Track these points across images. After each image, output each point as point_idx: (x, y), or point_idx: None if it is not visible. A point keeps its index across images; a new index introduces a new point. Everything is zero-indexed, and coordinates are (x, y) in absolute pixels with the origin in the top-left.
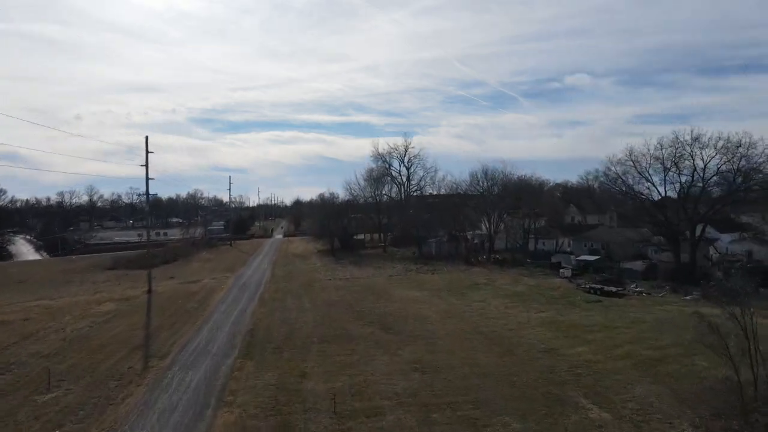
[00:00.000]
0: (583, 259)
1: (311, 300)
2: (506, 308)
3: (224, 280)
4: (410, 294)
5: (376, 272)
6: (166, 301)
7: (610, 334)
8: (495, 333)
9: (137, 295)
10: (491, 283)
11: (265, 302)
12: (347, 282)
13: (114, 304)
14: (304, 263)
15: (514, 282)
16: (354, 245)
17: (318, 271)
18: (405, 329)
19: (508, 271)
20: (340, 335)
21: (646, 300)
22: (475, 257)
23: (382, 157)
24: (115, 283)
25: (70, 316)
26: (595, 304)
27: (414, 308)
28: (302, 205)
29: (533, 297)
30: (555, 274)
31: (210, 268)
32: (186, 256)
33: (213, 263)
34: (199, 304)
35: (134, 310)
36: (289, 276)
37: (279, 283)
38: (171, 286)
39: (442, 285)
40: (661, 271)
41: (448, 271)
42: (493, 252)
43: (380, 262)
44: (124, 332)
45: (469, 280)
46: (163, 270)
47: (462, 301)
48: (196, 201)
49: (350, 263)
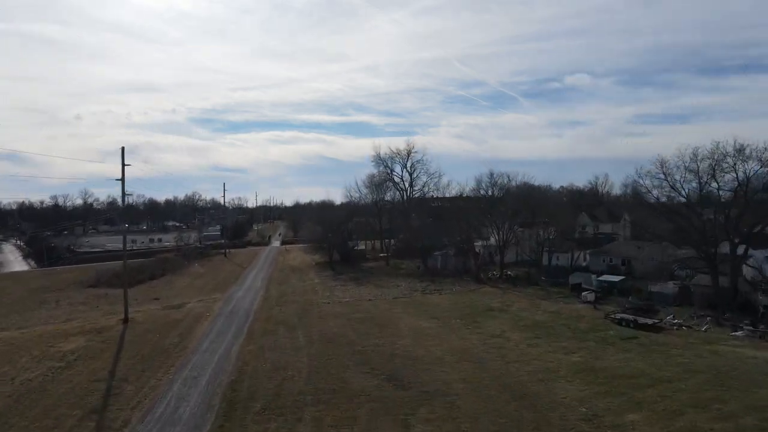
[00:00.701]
0: (606, 280)
1: (307, 334)
2: (529, 346)
3: (212, 304)
4: (418, 324)
5: (378, 292)
6: (142, 336)
7: (662, 391)
8: (522, 386)
9: (111, 326)
10: (507, 308)
11: (254, 337)
12: (348, 306)
13: (83, 338)
14: (301, 280)
15: (532, 307)
16: (354, 257)
17: (316, 291)
18: (416, 380)
19: (523, 292)
20: (340, 390)
21: (689, 336)
22: (485, 274)
23: (384, 162)
24: (93, 305)
25: (28, 357)
26: (631, 341)
27: (424, 346)
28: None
29: (557, 329)
30: (575, 296)
31: (199, 286)
32: (176, 269)
33: (203, 279)
34: (179, 338)
35: (103, 349)
36: (284, 298)
37: (272, 309)
38: (152, 313)
39: (452, 310)
40: (696, 297)
41: (456, 291)
42: (504, 267)
43: (383, 279)
44: (84, 385)
45: (482, 303)
46: (148, 288)
47: (477, 334)
48: (194, 203)
49: (350, 279)
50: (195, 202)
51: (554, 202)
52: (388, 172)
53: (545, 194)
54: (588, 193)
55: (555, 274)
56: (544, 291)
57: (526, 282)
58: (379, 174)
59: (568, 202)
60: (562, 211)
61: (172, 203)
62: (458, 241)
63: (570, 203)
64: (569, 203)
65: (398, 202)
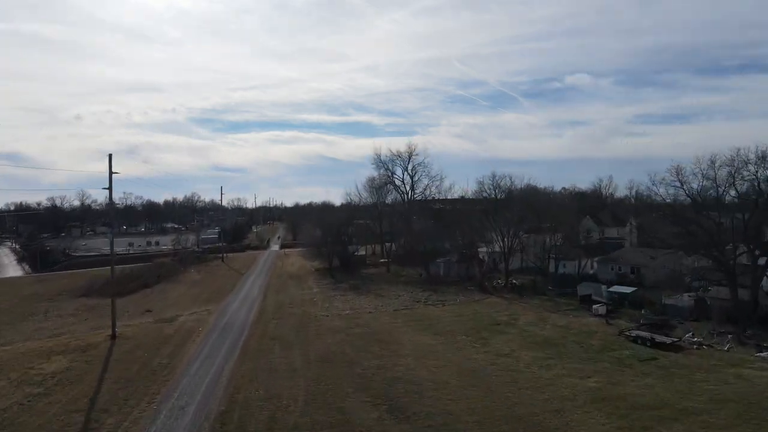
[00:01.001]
0: (616, 291)
1: (304, 352)
2: (541, 368)
3: (206, 317)
4: (421, 340)
5: (379, 303)
6: (130, 355)
7: (691, 426)
8: (536, 419)
9: (98, 343)
10: (514, 322)
11: (247, 356)
12: (347, 319)
13: (66, 359)
14: (299, 288)
15: (541, 321)
16: (354, 263)
17: (314, 302)
18: (420, 410)
19: (530, 303)
20: (338, 425)
21: (711, 357)
22: (489, 282)
23: (384, 165)
24: (82, 317)
25: (5, 381)
26: (649, 363)
27: (428, 366)
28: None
29: (569, 347)
30: (585, 308)
31: (194, 296)
32: (171, 276)
33: (199, 287)
34: (168, 358)
35: (86, 371)
36: (281, 310)
37: (268, 322)
38: (142, 327)
39: (457, 324)
40: (714, 310)
41: (460, 301)
42: (509, 276)
43: (383, 287)
44: (60, 417)
45: (488, 316)
46: (141, 297)
47: (484, 353)
48: (193, 204)
49: (350, 288)
50: (194, 203)
51: (559, 205)
52: (389, 175)
53: (550, 198)
54: (591, 195)
55: (562, 283)
56: (551, 302)
57: (532, 291)
58: (379, 177)
59: (572, 205)
60: (566, 213)
61: (170, 204)
62: (461, 247)
63: (574, 206)
64: (573, 206)
65: (399, 203)
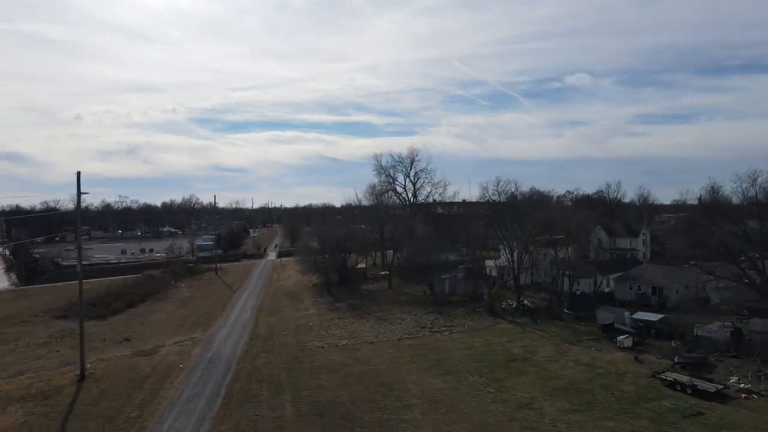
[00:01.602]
0: (641, 319)
1: (295, 400)
2: (568, 425)
3: (190, 348)
4: (429, 384)
5: (380, 329)
6: (96, 403)
7: None
8: None
9: (63, 386)
10: (531, 356)
11: (230, 407)
12: (345, 352)
13: (23, 409)
14: (294, 308)
15: (561, 355)
16: (354, 277)
17: (310, 328)
18: None
19: (546, 331)
20: None
21: (763, 409)
22: (499, 303)
23: (385, 171)
24: (55, 347)
25: None
26: (695, 419)
27: (438, 423)
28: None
29: (598, 394)
30: (608, 338)
31: (181, 319)
32: (160, 291)
33: (188, 308)
34: (139, 410)
35: (42, 427)
36: (273, 339)
37: (258, 356)
38: (116, 363)
39: (467, 360)
40: (756, 345)
41: (469, 327)
42: (520, 295)
43: (385, 307)
44: None
45: (501, 348)
46: (123, 321)
47: (501, 402)
48: (191, 206)
49: (349, 309)
50: (192, 205)
51: (569, 216)
52: (390, 182)
53: (556, 205)
54: (598, 201)
55: (578, 305)
56: (569, 329)
57: (546, 315)
58: (380, 184)
59: (585, 219)
60: (578, 224)
61: (169, 207)
62: (467, 262)
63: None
64: (586, 220)
65: (400, 209)
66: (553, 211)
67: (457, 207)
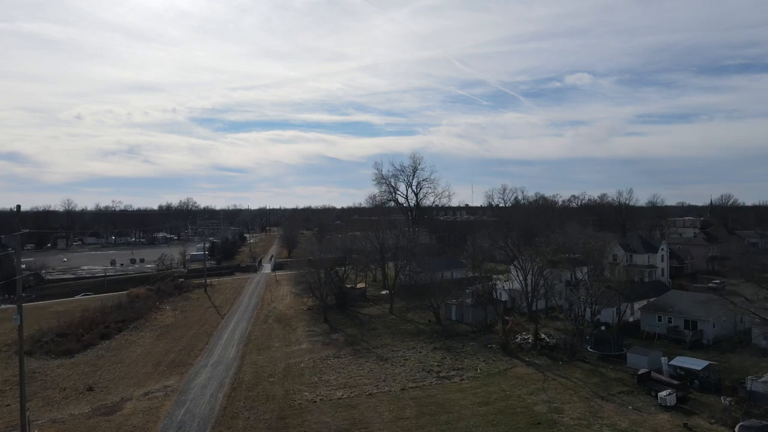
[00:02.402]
0: (683, 367)
1: None
2: None
3: (159, 405)
4: None
5: (381, 373)
6: None
7: None
8: None
9: None
10: (558, 418)
11: None
12: (341, 409)
13: None
14: (286, 342)
15: (592, 416)
16: (352, 299)
17: (301, 371)
18: None
19: (570, 377)
20: None
21: None
22: (512, 338)
23: (386, 180)
24: (7, 401)
25: None
26: None
27: None
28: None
29: None
30: (645, 390)
31: (157, 356)
32: (141, 317)
33: (167, 340)
34: None
35: None
36: (258, 387)
37: (238, 416)
38: (70, 428)
39: (484, 424)
40: None
41: (482, 371)
42: (535, 325)
43: (386, 341)
44: None
45: (521, 403)
46: (91, 360)
47: None
48: (189, 208)
49: (347, 342)
50: (189, 208)
51: (585, 235)
52: (391, 191)
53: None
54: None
55: (604, 343)
56: (597, 375)
57: (568, 354)
58: (381, 194)
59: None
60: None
61: (165, 210)
62: (474, 280)
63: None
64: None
65: (401, 221)
66: (570, 234)
67: (460, 213)
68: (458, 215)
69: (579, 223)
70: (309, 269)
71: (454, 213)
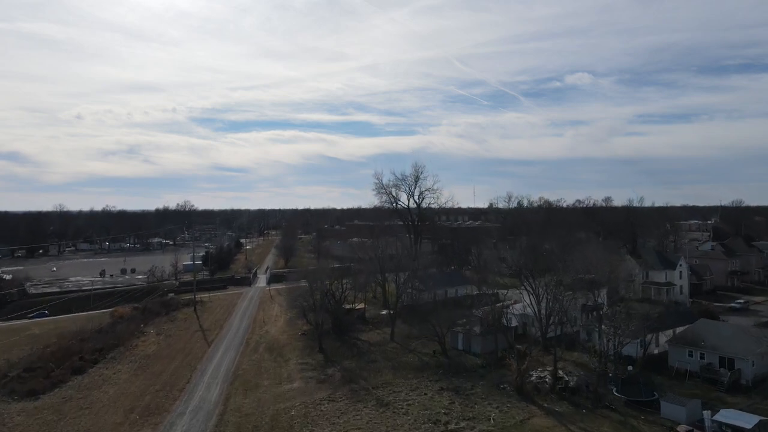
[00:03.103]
0: (729, 424)
1: None
2: None
3: None
4: None
5: (381, 422)
6: None
7: None
8: None
9: None
10: None
11: None
12: None
13: None
14: (276, 380)
15: None
16: (350, 323)
17: (292, 416)
18: None
19: (596, 430)
20: None
21: None
22: (528, 377)
23: (386, 190)
24: None
25: None
26: None
27: None
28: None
29: None
30: None
31: (134, 396)
32: (122, 343)
33: (147, 374)
34: None
35: None
36: None
37: None
38: None
39: None
40: None
41: (496, 423)
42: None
43: (388, 377)
44: None
45: None
46: (57, 402)
47: None
48: (186, 211)
49: (343, 380)
50: (186, 210)
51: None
52: (393, 202)
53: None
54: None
55: (631, 386)
56: (628, 429)
57: (592, 400)
58: (380, 203)
59: (587, 222)
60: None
61: (162, 213)
62: (481, 300)
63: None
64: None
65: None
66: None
67: (462, 217)
68: (461, 220)
69: (587, 231)
70: (303, 292)
71: (456, 217)
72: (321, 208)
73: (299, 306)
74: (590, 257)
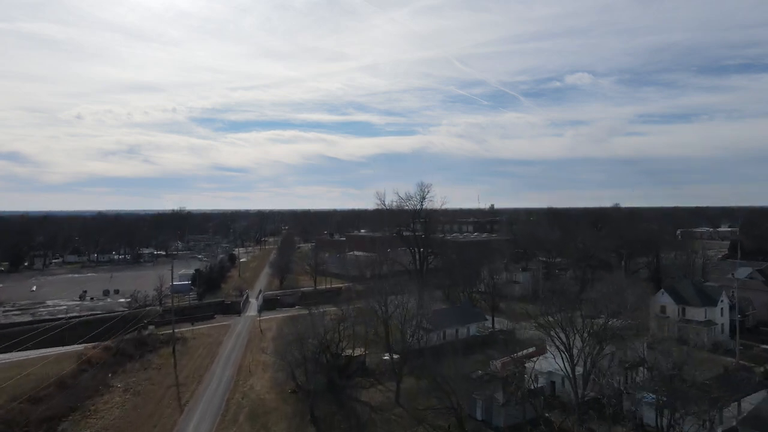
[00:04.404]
0: None
1: None
2: None
3: None
4: None
5: None
6: None
7: None
8: None
9: None
10: None
11: None
12: None
13: None
14: None
15: None
16: (348, 376)
17: None
18: None
19: None
20: None
21: None
22: None
23: (390, 211)
24: None
25: None
26: None
27: None
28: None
29: None
30: None
31: None
32: (81, 404)
33: None
34: None
35: None
36: None
37: None
38: None
39: None
40: None
41: None
42: None
43: None
44: None
45: None
46: None
47: None
48: (183, 215)
49: None
50: (182, 214)
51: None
52: (396, 232)
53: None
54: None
55: None
56: None
57: None
58: (384, 230)
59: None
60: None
61: (159, 218)
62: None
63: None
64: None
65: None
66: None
67: (466, 227)
68: (466, 230)
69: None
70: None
71: (460, 227)
72: (321, 210)
73: (289, 360)
74: (619, 294)
